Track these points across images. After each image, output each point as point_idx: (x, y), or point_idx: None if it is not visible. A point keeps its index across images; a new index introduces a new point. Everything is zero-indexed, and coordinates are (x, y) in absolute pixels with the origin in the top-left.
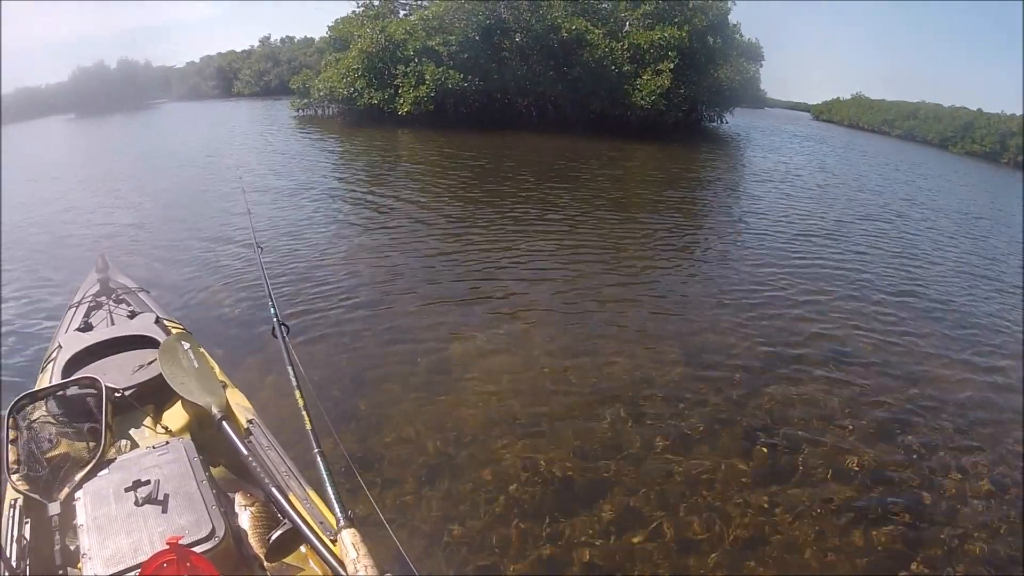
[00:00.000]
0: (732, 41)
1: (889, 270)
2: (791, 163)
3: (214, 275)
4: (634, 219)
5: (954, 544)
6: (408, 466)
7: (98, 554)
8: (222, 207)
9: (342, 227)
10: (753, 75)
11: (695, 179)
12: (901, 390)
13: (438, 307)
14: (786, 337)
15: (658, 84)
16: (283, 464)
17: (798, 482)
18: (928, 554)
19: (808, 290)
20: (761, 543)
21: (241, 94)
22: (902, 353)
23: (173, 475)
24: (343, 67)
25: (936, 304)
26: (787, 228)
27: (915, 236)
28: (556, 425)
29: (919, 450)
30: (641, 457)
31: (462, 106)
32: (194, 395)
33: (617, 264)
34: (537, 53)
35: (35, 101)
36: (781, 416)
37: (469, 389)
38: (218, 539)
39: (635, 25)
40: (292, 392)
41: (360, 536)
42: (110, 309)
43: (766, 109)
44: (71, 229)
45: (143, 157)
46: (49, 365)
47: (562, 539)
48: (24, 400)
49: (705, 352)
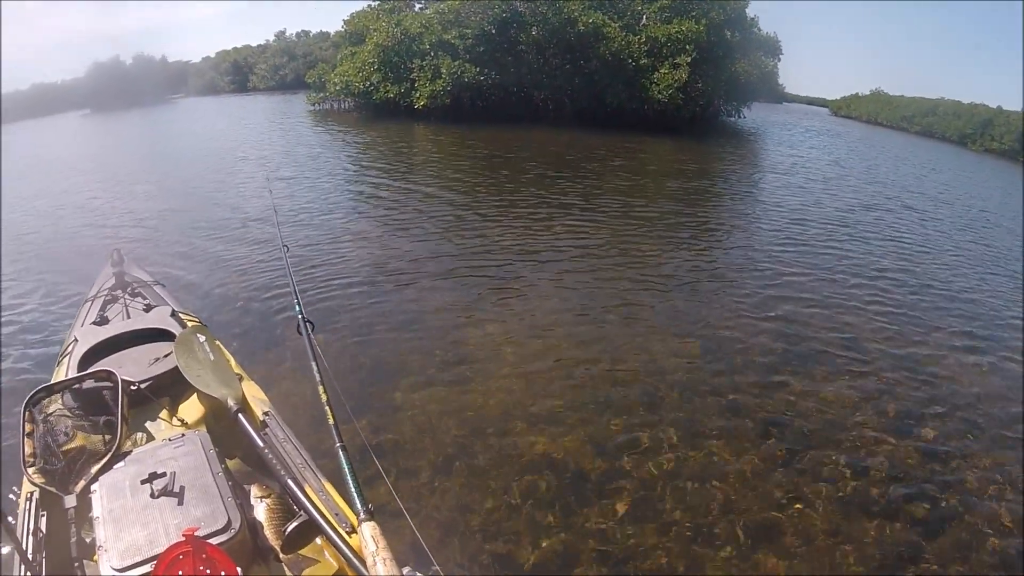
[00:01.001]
0: (750, 35)
1: (909, 265)
2: (808, 158)
3: (231, 270)
4: (651, 213)
5: (968, 540)
6: (424, 455)
7: (114, 546)
8: (241, 203)
9: (359, 220)
10: (771, 69)
11: (712, 173)
12: (918, 385)
13: (454, 299)
14: (802, 330)
15: (675, 78)
16: (299, 456)
17: (813, 476)
18: (941, 549)
19: (826, 283)
20: (775, 535)
21: (257, 89)
22: (919, 348)
23: (189, 467)
24: (359, 61)
25: (954, 298)
26: (804, 223)
27: (934, 234)
28: (571, 416)
29: (935, 445)
30: (656, 449)
31: (478, 100)
32: (210, 388)
33: (634, 257)
34: (553, 47)
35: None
36: (797, 410)
37: (486, 381)
38: (234, 531)
39: (652, 18)
40: (309, 384)
41: (380, 530)
42: (126, 303)
43: (784, 104)
44: (89, 222)
45: (163, 153)
46: (65, 359)
47: (576, 529)
48: (40, 393)
49: (721, 345)
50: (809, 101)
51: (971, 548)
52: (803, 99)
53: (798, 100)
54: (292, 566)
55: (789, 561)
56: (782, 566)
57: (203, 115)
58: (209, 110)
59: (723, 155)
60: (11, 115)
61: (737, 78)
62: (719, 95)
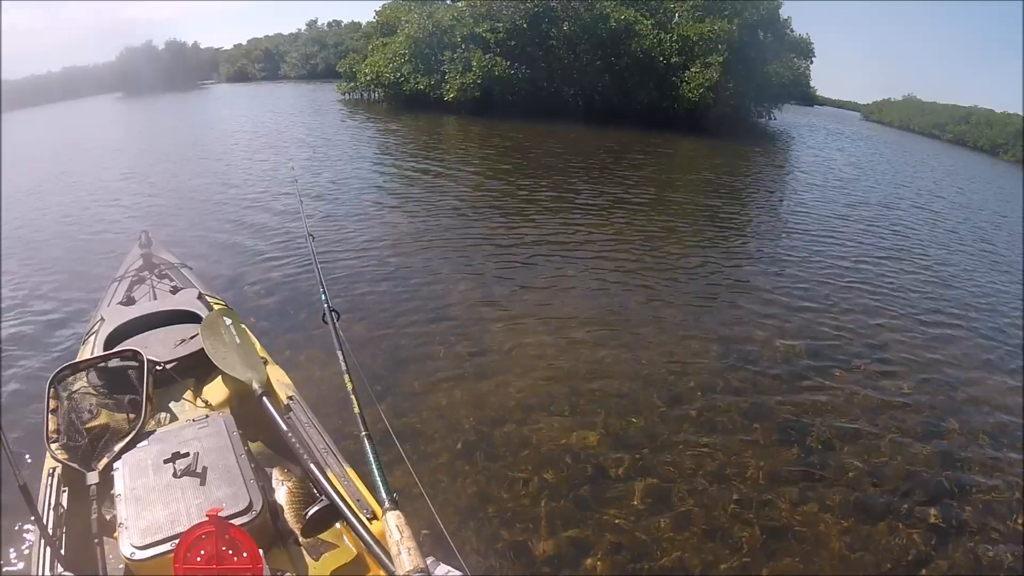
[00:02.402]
0: (782, 36)
1: (934, 272)
2: (839, 163)
3: (258, 256)
4: (679, 212)
5: (980, 548)
6: (444, 442)
7: (135, 524)
8: (269, 190)
9: (386, 210)
10: (803, 71)
11: (742, 175)
12: (938, 391)
13: (477, 291)
14: (825, 332)
15: (706, 77)
16: (322, 441)
17: (830, 478)
18: (954, 556)
19: (851, 288)
20: (789, 536)
21: (288, 77)
22: (941, 353)
23: (212, 448)
24: (389, 52)
25: (986, 309)
26: (833, 229)
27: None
28: (591, 410)
29: (952, 453)
30: (673, 446)
31: (508, 94)
32: (235, 370)
33: (660, 256)
34: (585, 43)
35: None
36: (817, 412)
37: (507, 372)
38: (255, 513)
39: (684, 17)
40: (333, 371)
41: (405, 519)
42: (152, 284)
43: (815, 107)
44: (119, 203)
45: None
46: (91, 337)
47: (592, 521)
48: (65, 371)
49: (743, 345)
50: (840, 105)
51: (983, 558)
52: (834, 102)
53: (829, 103)
54: (311, 550)
55: (803, 561)
56: (796, 566)
57: (235, 101)
58: (241, 97)
59: (754, 157)
60: (42, 97)
61: (769, 79)
62: (750, 96)
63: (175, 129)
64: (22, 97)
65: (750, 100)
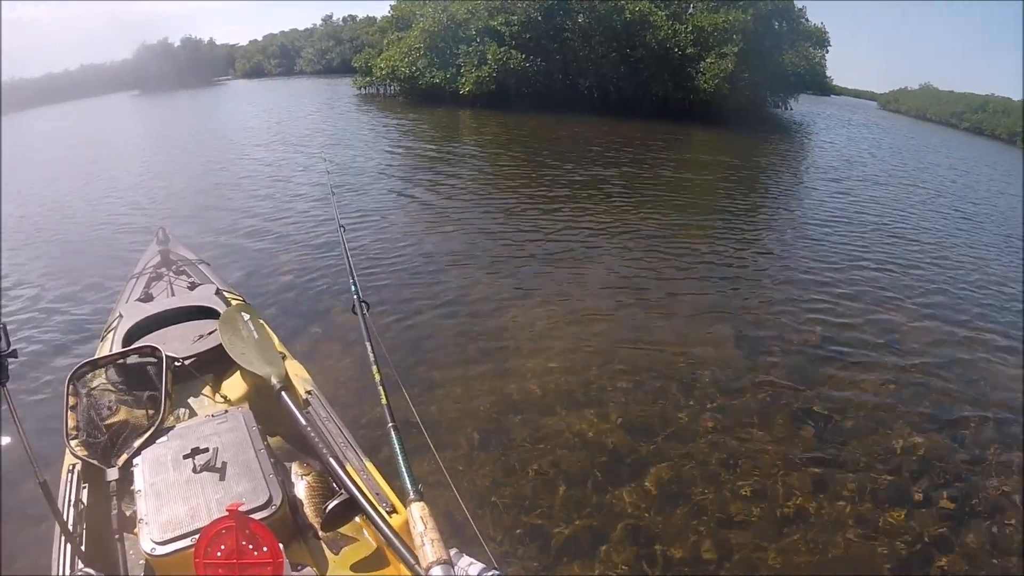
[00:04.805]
0: (797, 26)
1: (953, 263)
2: (857, 153)
3: (279, 248)
4: (696, 203)
5: (993, 535)
6: (463, 431)
7: (155, 519)
8: (296, 182)
9: (406, 202)
10: (818, 61)
11: (758, 165)
12: (954, 382)
13: (499, 282)
14: (840, 322)
15: (722, 68)
16: (341, 435)
17: (844, 466)
18: (967, 546)
19: (867, 277)
20: (803, 523)
21: (303, 72)
22: (958, 345)
23: (231, 443)
24: (405, 46)
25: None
26: (851, 220)
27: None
28: (606, 398)
29: (968, 444)
30: (688, 434)
31: (524, 87)
32: (253, 365)
33: (676, 245)
34: (599, 34)
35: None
36: (832, 401)
37: (526, 362)
38: (275, 507)
39: (699, 7)
40: (352, 363)
41: (429, 510)
42: (170, 280)
43: (831, 97)
44: (137, 200)
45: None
46: (110, 334)
47: (608, 507)
48: (84, 368)
49: (760, 334)
50: (857, 94)
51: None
52: (851, 92)
53: (846, 93)
54: (331, 544)
55: (816, 547)
56: (810, 554)
57: (253, 98)
58: (258, 92)
59: (770, 147)
60: (60, 95)
61: (784, 69)
62: (766, 86)
63: (195, 126)
64: (41, 95)
65: (766, 90)
